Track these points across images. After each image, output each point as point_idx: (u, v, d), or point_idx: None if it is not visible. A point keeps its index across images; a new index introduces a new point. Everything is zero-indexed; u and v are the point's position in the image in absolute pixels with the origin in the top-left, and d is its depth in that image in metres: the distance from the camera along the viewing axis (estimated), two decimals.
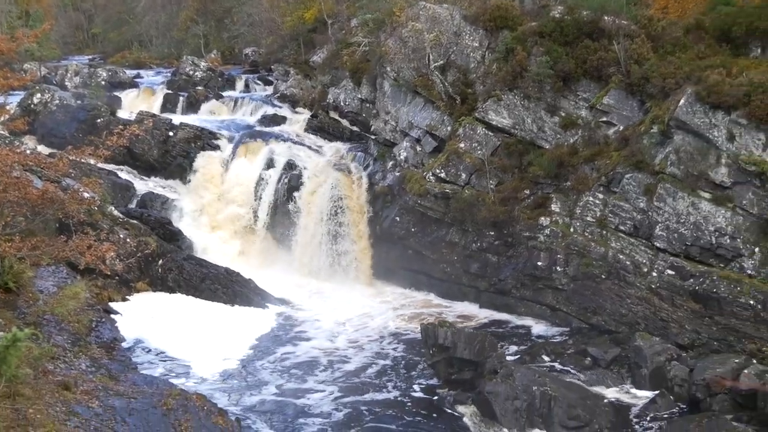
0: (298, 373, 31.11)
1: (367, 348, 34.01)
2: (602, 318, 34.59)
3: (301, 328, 36.19)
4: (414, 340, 34.16)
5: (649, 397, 28.58)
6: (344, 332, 35.85)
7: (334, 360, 32.59)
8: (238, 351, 32.70)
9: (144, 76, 69.32)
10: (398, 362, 32.51)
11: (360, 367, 32.00)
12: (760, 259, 30.98)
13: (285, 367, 31.63)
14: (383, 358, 32.88)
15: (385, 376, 31.14)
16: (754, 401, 26.39)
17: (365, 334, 35.58)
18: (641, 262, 33.59)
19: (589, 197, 35.48)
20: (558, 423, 26.65)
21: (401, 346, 34.13)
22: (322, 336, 35.27)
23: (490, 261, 38.52)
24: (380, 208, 43.30)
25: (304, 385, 29.96)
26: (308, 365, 31.93)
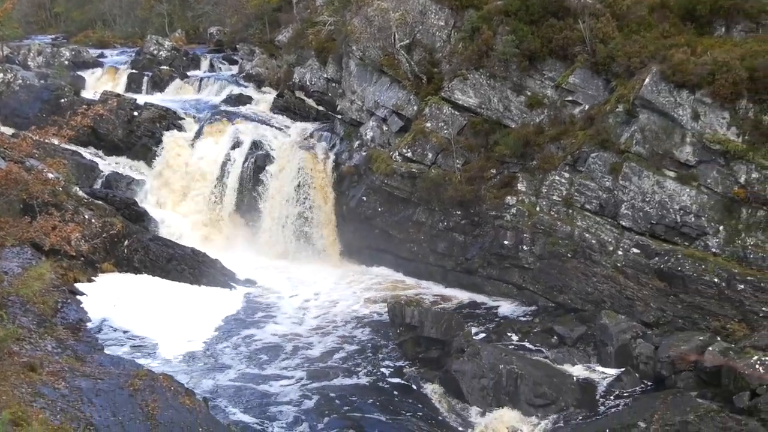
0: (265, 352, 31.03)
1: (334, 328, 33.97)
2: (568, 296, 34.76)
3: (268, 308, 36.11)
4: (381, 319, 34.18)
5: (614, 375, 28.77)
6: (311, 313, 35.79)
7: (300, 341, 32.53)
8: (204, 332, 32.55)
9: (108, 56, 68.55)
10: (365, 341, 32.50)
11: (327, 347, 31.96)
12: (724, 237, 31.23)
13: (252, 347, 31.53)
14: (350, 338, 32.87)
15: (353, 355, 31.13)
16: (718, 378, 26.64)
17: (332, 315, 35.55)
18: (607, 240, 33.76)
19: (555, 176, 35.58)
20: (524, 401, 26.78)
21: (368, 326, 34.12)
22: (288, 317, 35.19)
23: (457, 240, 38.58)
24: (347, 188, 43.24)
25: (272, 365, 29.89)
26: (275, 346, 31.85)
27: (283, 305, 36.52)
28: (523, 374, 27.31)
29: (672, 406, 24.80)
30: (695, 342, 28.52)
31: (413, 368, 29.49)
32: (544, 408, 26.73)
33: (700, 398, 25.75)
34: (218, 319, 34.06)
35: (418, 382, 28.55)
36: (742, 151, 30.81)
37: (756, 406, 24.37)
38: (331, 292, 38.52)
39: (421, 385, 28.31)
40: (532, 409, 26.67)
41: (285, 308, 36.17)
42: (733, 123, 31.15)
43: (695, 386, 27.09)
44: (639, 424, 23.99)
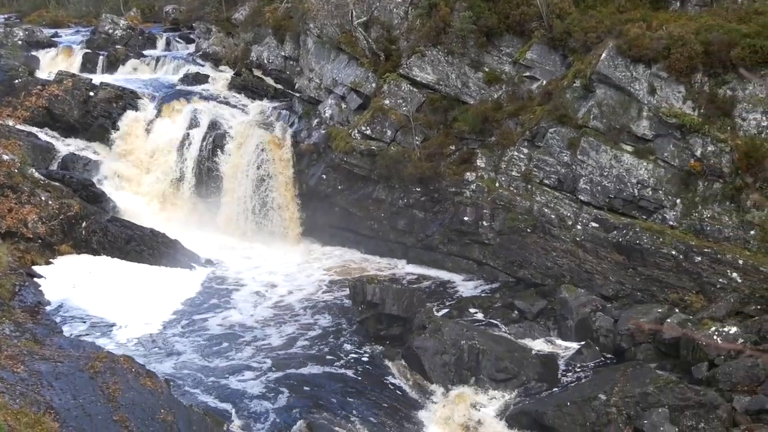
0: (226, 333, 30.94)
1: (296, 307, 33.95)
2: (528, 271, 34.98)
3: (229, 288, 36.00)
4: (342, 297, 34.22)
5: (575, 348, 29.02)
6: (272, 292, 35.73)
7: (262, 321, 32.47)
8: (164, 313, 32.37)
9: (62, 36, 67.65)
10: (327, 320, 32.52)
11: (288, 327, 31.93)
12: (681, 211, 31.53)
13: (213, 327, 31.41)
14: (312, 317, 32.86)
15: (314, 333, 31.14)
16: (676, 349, 26.98)
17: (293, 294, 35.52)
18: (566, 215, 33.98)
19: (514, 152, 35.72)
20: (486, 376, 26.94)
21: (330, 304, 34.14)
22: (249, 296, 35.12)
23: (417, 217, 38.65)
24: (306, 166, 43.14)
25: (233, 346, 29.81)
26: (236, 326, 31.77)
27: (243, 285, 36.43)
28: (485, 349, 27.45)
29: (632, 377, 25.05)
30: (654, 314, 28.84)
31: (375, 345, 29.56)
32: (506, 382, 26.91)
33: (659, 370, 26.07)
34: (178, 300, 33.88)
35: (380, 359, 28.62)
36: (697, 125, 31.08)
37: (714, 376, 24.73)
38: (292, 271, 38.48)
39: (384, 362, 28.38)
40: (493, 383, 26.83)
41: (246, 288, 36.08)
42: (688, 97, 31.40)
43: (654, 358, 27.43)
44: (599, 397, 24.22)
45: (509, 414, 25.37)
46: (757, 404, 23.00)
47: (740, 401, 23.51)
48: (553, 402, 25.03)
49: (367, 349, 29.45)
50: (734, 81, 30.66)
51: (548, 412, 24.31)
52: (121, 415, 17.46)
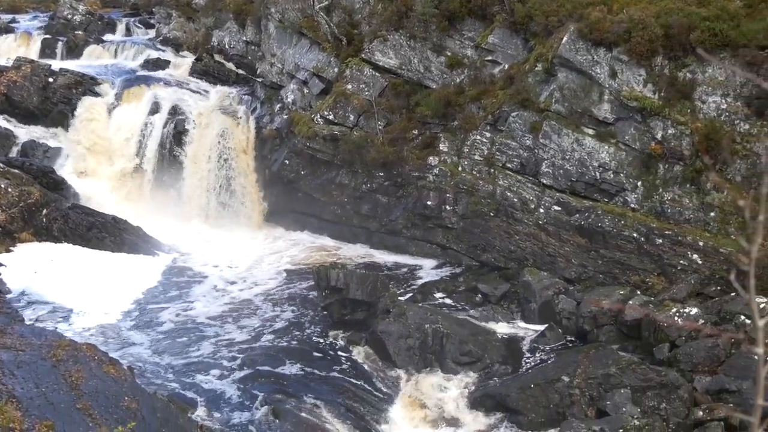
0: (189, 319, 30.83)
1: (258, 294, 33.87)
2: (492, 255, 35.12)
3: (192, 274, 35.85)
4: (306, 282, 34.18)
5: (538, 331, 29.21)
6: (235, 278, 35.63)
7: (225, 307, 32.38)
8: (127, 300, 32.18)
9: (20, 21, 66.81)
10: (291, 305, 32.48)
11: (252, 312, 31.87)
12: (642, 193, 31.76)
13: (176, 315, 31.28)
14: (275, 303, 32.81)
15: (278, 319, 31.10)
16: (638, 331, 27.24)
17: (257, 280, 35.44)
18: (528, 198, 34.12)
19: (477, 136, 35.79)
20: (450, 359, 27.06)
21: (294, 290, 34.10)
22: (212, 282, 34.98)
23: (381, 202, 38.66)
24: (269, 151, 42.98)
25: (196, 332, 29.71)
26: (199, 312, 31.66)
27: (206, 271, 36.29)
28: (449, 333, 27.57)
29: (594, 359, 25.28)
30: (616, 296, 29.08)
31: (339, 330, 29.57)
32: (470, 365, 27.05)
33: (621, 351, 26.31)
34: (141, 287, 33.68)
35: (345, 344, 28.67)
36: (658, 108, 31.29)
37: (675, 356, 24.99)
38: (255, 256, 38.37)
39: (348, 347, 28.42)
40: (458, 367, 26.97)
41: (208, 274, 35.94)
42: (649, 80, 31.60)
43: (617, 339, 27.68)
44: (563, 378, 24.43)
45: (473, 397, 25.52)
46: (718, 384, 23.26)
47: (701, 381, 23.79)
48: (516, 384, 25.21)
49: (331, 334, 29.45)
50: (694, 64, 30.89)
51: (512, 395, 24.49)
52: (85, 403, 17.36)
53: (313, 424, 23.27)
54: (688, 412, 23.23)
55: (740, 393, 22.61)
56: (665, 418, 23.15)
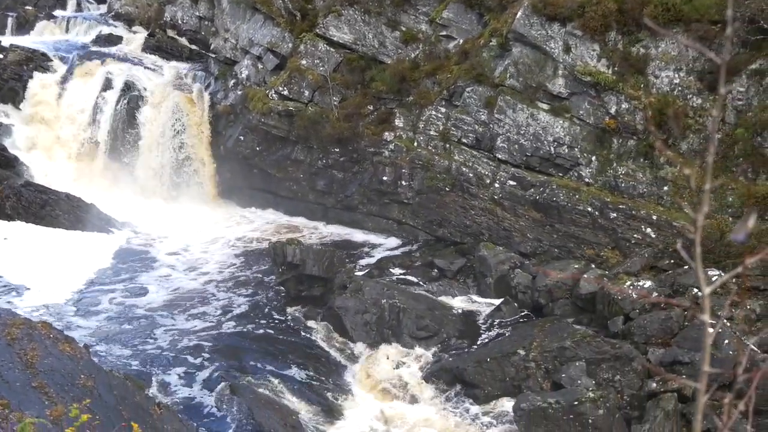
0: (144, 298, 30.66)
1: (214, 270, 33.74)
2: (448, 230, 35.23)
3: (147, 252, 35.61)
4: (263, 259, 34.09)
5: (494, 305, 29.36)
6: (191, 255, 35.46)
7: (180, 285, 32.24)
8: (82, 278, 31.90)
9: None
10: (247, 282, 32.40)
11: (208, 289, 31.76)
12: (596, 168, 31.99)
13: (131, 293, 31.09)
14: (231, 280, 32.71)
15: (235, 296, 31.01)
16: (593, 304, 27.51)
17: (212, 256, 35.29)
18: (484, 173, 34.22)
19: (432, 111, 35.80)
20: (407, 334, 27.15)
21: (250, 266, 34.00)
22: (167, 260, 34.79)
23: (336, 178, 38.59)
24: (224, 127, 42.70)
25: (151, 310, 29.55)
26: (155, 290, 31.50)
27: (161, 248, 36.07)
28: (406, 308, 27.65)
29: (550, 333, 25.50)
30: (571, 270, 29.33)
31: (296, 306, 29.57)
32: (427, 340, 27.16)
33: (576, 324, 26.55)
34: (95, 265, 33.40)
35: (302, 320, 28.67)
36: (612, 83, 31.49)
37: (629, 329, 25.27)
38: (211, 233, 38.17)
39: (305, 323, 28.44)
40: (414, 341, 27.07)
41: (163, 251, 35.73)
42: (603, 55, 31.77)
43: (572, 313, 27.94)
44: (518, 352, 24.61)
45: (430, 371, 25.64)
46: (671, 356, 23.57)
47: (654, 353, 24.09)
48: (473, 358, 25.36)
49: (288, 310, 29.44)
50: (647, 39, 31.10)
51: (468, 368, 24.64)
52: (40, 381, 17.21)
53: (271, 400, 23.27)
54: (642, 384, 23.52)
55: (693, 364, 22.94)
56: (619, 389, 23.43)
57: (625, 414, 22.91)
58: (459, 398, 24.57)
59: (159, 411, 18.88)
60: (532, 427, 22.05)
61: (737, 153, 29.46)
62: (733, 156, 29.60)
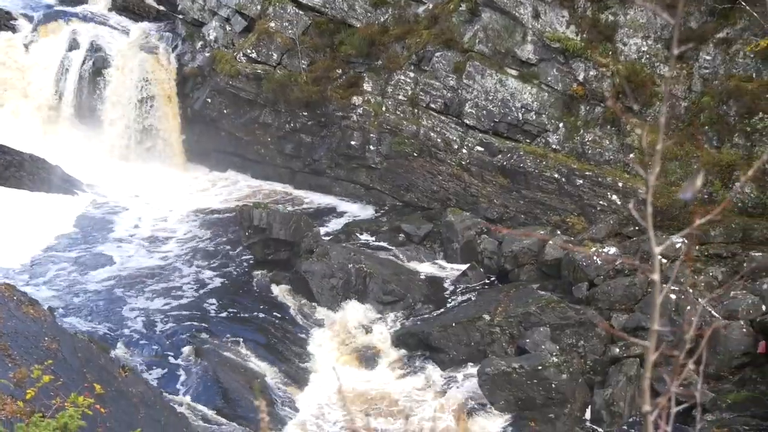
0: (109, 261, 30.52)
1: (180, 233, 33.61)
2: (415, 195, 35.25)
3: (112, 214, 35.39)
4: (229, 222, 34.00)
5: (460, 270, 29.51)
6: (157, 218, 35.27)
7: (147, 247, 32.11)
8: (45, 241, 31.68)
9: None
10: (214, 246, 32.32)
11: (174, 253, 31.66)
12: (563, 134, 32.09)
13: (95, 256, 30.94)
14: (198, 243, 32.63)
15: (201, 259, 30.95)
16: (558, 270, 27.70)
17: (179, 219, 35.14)
18: (452, 139, 34.24)
19: (401, 76, 35.71)
20: (374, 298, 27.26)
21: (216, 230, 33.89)
22: (133, 223, 34.60)
23: (304, 141, 38.45)
24: (191, 89, 42.34)
25: (117, 272, 29.45)
26: (120, 253, 31.36)
27: (127, 211, 35.84)
28: (372, 272, 27.73)
29: (515, 298, 25.70)
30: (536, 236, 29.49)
31: (263, 270, 29.53)
32: (393, 305, 27.29)
33: (541, 290, 26.74)
34: (60, 227, 33.17)
35: (268, 284, 28.66)
36: (580, 50, 31.52)
37: (593, 295, 25.51)
38: (177, 196, 37.96)
39: (271, 287, 28.43)
40: (381, 306, 27.19)
41: (129, 214, 35.52)
42: (572, 21, 31.78)
43: (537, 279, 28.13)
44: (484, 317, 24.79)
45: (396, 335, 25.79)
46: (634, 322, 23.81)
47: (617, 319, 24.33)
48: (438, 323, 25.53)
49: (254, 274, 29.42)
50: (616, 6, 31.13)
51: (434, 333, 24.81)
52: (3, 343, 17.11)
53: (237, 363, 23.33)
54: (605, 349, 23.80)
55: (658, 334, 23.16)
56: (583, 354, 23.70)
57: (588, 379, 23.19)
58: (424, 363, 24.74)
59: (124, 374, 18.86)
60: (497, 391, 22.28)
61: (703, 121, 29.65)
62: (699, 124, 29.79)
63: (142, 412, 17.34)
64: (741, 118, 28.82)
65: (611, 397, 21.99)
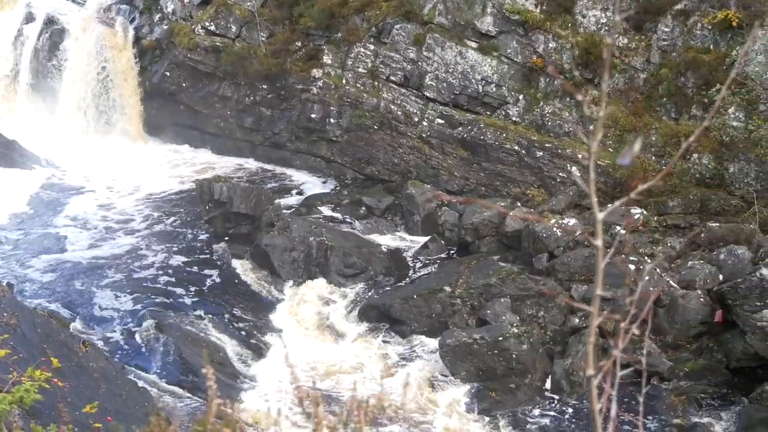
0: (68, 236, 30.27)
1: (140, 208, 33.37)
2: (376, 168, 35.24)
3: (70, 190, 35.07)
4: (189, 196, 33.80)
5: (421, 243, 29.60)
6: (114, 192, 35.00)
7: (105, 223, 31.85)
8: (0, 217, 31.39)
9: None
10: (173, 220, 32.15)
11: (133, 228, 31.45)
12: (523, 106, 32.20)
13: (53, 231, 30.66)
14: (157, 217, 32.42)
15: (160, 234, 30.78)
16: (518, 242, 27.87)
17: (138, 194, 34.88)
18: (412, 112, 34.23)
19: (361, 48, 35.60)
20: (335, 271, 27.27)
21: (176, 204, 33.71)
22: (92, 198, 34.30)
23: (264, 115, 38.26)
24: (149, 63, 41.93)
25: (75, 249, 29.23)
26: (78, 229, 31.10)
27: (85, 187, 35.51)
28: (333, 246, 27.73)
29: (475, 270, 25.80)
30: (497, 208, 29.62)
31: (223, 244, 29.43)
32: (355, 277, 27.33)
33: (502, 262, 26.92)
34: (15, 202, 32.82)
35: (229, 258, 28.58)
36: (540, 21, 31.58)
37: (553, 266, 25.70)
38: (136, 170, 37.63)
39: (232, 261, 28.35)
40: (342, 278, 27.21)
41: (88, 189, 35.20)
42: None
43: (497, 251, 28.28)
44: (445, 289, 24.88)
45: (358, 308, 25.82)
46: (593, 292, 23.94)
47: (577, 290, 24.53)
48: (399, 295, 25.60)
49: (215, 248, 29.31)
50: None
51: (395, 305, 24.86)
52: None
53: (198, 337, 23.29)
54: (565, 320, 24.02)
55: (614, 300, 23.38)
56: (543, 325, 23.90)
57: (548, 349, 23.39)
58: (385, 335, 24.81)
59: (84, 349, 18.75)
60: (458, 362, 22.40)
61: (661, 93, 29.87)
62: (657, 96, 30.01)
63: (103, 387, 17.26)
64: (698, 90, 29.07)
65: (571, 366, 22.20)
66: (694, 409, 20.82)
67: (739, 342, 21.58)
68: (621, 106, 30.16)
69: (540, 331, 23.75)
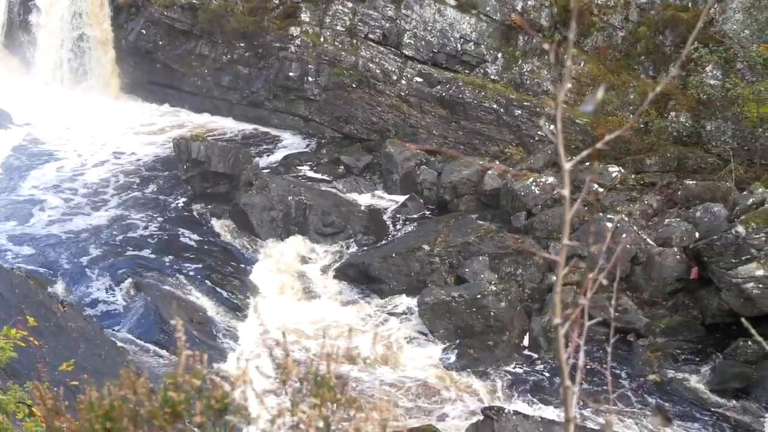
0: (46, 196, 30.12)
1: (117, 168, 33.18)
2: (354, 126, 35.16)
3: (47, 149, 34.81)
4: (167, 156, 33.64)
5: (400, 201, 29.64)
6: (91, 152, 34.75)
7: (83, 182, 31.69)
8: None
9: None
10: (151, 180, 32.02)
11: (111, 187, 31.31)
12: (502, 64, 32.15)
13: (32, 190, 30.50)
14: (135, 177, 32.28)
15: (137, 194, 30.66)
16: (497, 200, 27.95)
17: (115, 154, 34.66)
18: (391, 70, 34.12)
19: (339, 6, 35.36)
20: (314, 230, 27.28)
21: (154, 163, 33.56)
22: (69, 158, 34.06)
23: (242, 73, 38.02)
24: (125, 20, 41.49)
25: (54, 210, 29.08)
26: (57, 190, 30.93)
27: (62, 146, 35.26)
28: (312, 204, 27.73)
29: (454, 228, 25.88)
30: (476, 166, 29.63)
31: (202, 203, 29.37)
32: (333, 236, 27.36)
33: (480, 220, 27.01)
34: None
35: (207, 217, 28.55)
36: None
37: (531, 224, 25.82)
38: (112, 129, 37.37)
39: (211, 220, 28.33)
40: (321, 237, 27.24)
41: (65, 149, 34.96)
42: None
43: (476, 209, 28.38)
44: (423, 247, 24.96)
45: (337, 267, 25.89)
46: (571, 250, 24.05)
47: (555, 248, 24.63)
48: (378, 254, 25.66)
49: (193, 207, 29.26)
50: None
51: (374, 264, 24.94)
52: None
53: (177, 296, 23.28)
54: (542, 277, 24.19)
55: (591, 257, 23.54)
56: (521, 283, 24.05)
57: (526, 306, 23.56)
58: (364, 294, 24.91)
59: (63, 309, 18.73)
60: (436, 320, 22.54)
61: (639, 51, 29.89)
62: (636, 54, 30.03)
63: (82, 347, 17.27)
64: (677, 48, 29.10)
65: (548, 324, 22.36)
66: (669, 364, 21.10)
67: (714, 299, 21.80)
68: (599, 63, 30.17)
69: (518, 288, 23.91)
